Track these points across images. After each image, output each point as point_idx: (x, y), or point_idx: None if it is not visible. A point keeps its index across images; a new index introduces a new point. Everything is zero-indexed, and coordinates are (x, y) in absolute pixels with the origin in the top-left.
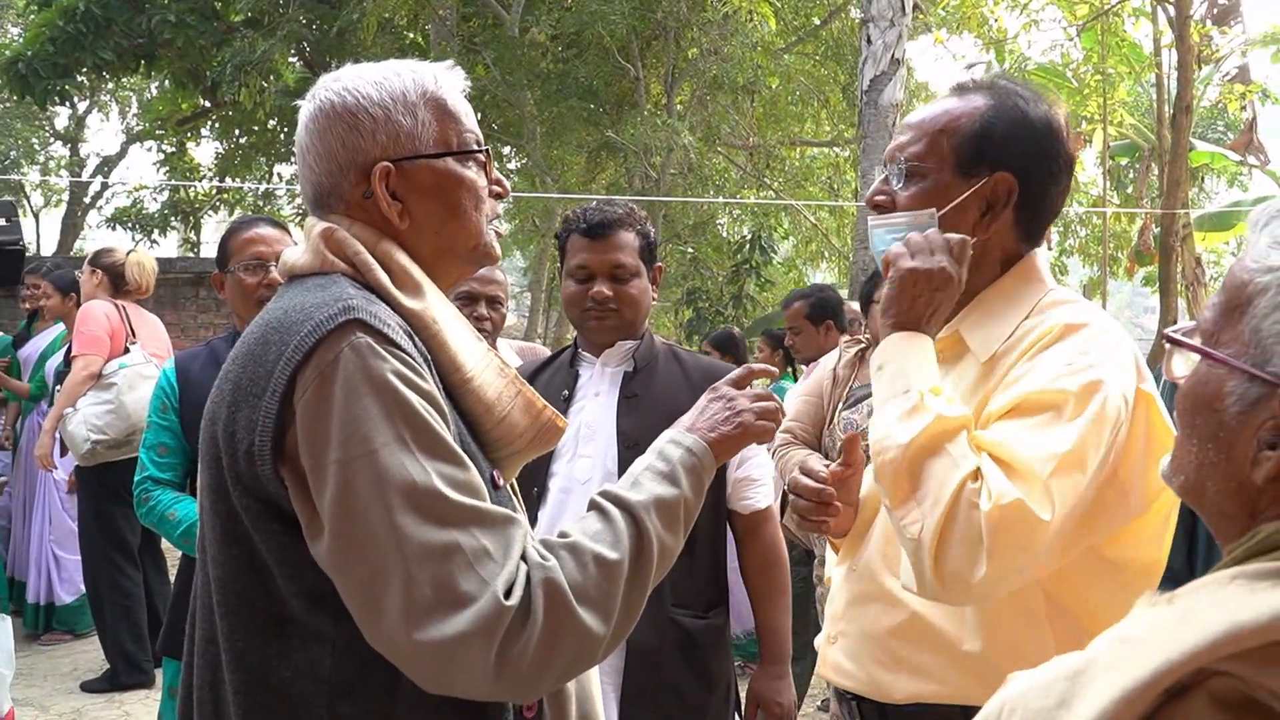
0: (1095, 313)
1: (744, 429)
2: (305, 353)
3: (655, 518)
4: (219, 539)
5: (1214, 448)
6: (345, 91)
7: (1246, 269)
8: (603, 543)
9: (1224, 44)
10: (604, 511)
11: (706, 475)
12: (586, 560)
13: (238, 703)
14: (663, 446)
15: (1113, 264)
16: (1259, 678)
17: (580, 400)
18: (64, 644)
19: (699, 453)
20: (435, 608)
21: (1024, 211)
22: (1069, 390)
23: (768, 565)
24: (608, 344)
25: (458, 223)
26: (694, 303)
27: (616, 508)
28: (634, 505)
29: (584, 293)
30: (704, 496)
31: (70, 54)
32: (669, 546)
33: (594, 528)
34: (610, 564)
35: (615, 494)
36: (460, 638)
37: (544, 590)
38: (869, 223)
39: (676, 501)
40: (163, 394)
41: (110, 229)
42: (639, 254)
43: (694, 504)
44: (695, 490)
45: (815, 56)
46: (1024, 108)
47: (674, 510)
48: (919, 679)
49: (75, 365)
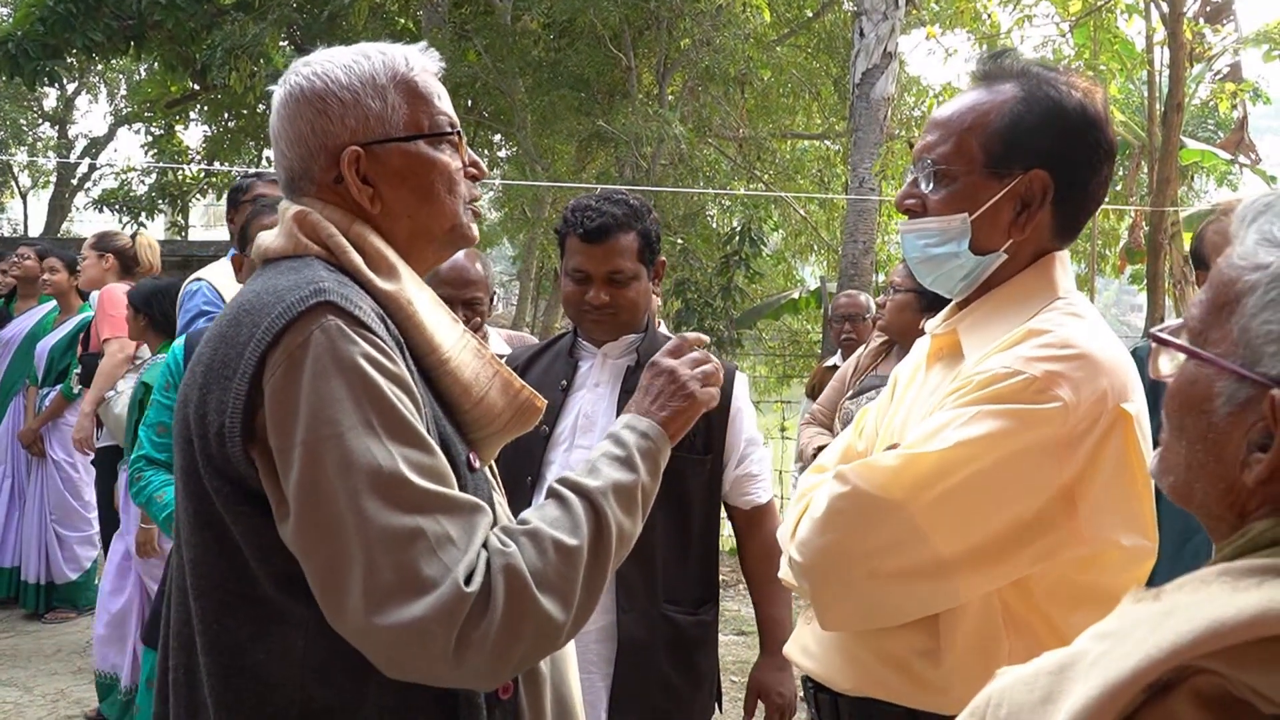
0: (1082, 329)
1: (691, 400)
2: (275, 334)
3: (613, 503)
4: (192, 521)
5: (1202, 449)
6: (315, 76)
7: (1234, 266)
8: (562, 529)
9: (1216, 42)
10: (562, 499)
11: (662, 457)
12: (546, 546)
13: (212, 685)
14: (618, 432)
15: (1101, 261)
16: (1240, 675)
17: (579, 390)
18: (66, 622)
19: (654, 436)
20: (395, 593)
21: (1062, 207)
22: (973, 378)
23: (769, 556)
24: (610, 339)
25: (430, 206)
26: (683, 294)
27: (575, 494)
28: (592, 491)
29: (581, 294)
30: (660, 478)
31: (60, 35)
32: (628, 531)
33: (553, 514)
34: (570, 550)
35: (574, 481)
36: (419, 623)
37: (504, 577)
38: (900, 228)
39: (634, 486)
40: (168, 371)
41: (98, 211)
42: (638, 255)
43: (651, 487)
44: (652, 474)
45: (807, 49)
46: (1056, 96)
47: (632, 495)
48: (869, 675)
49: (110, 348)
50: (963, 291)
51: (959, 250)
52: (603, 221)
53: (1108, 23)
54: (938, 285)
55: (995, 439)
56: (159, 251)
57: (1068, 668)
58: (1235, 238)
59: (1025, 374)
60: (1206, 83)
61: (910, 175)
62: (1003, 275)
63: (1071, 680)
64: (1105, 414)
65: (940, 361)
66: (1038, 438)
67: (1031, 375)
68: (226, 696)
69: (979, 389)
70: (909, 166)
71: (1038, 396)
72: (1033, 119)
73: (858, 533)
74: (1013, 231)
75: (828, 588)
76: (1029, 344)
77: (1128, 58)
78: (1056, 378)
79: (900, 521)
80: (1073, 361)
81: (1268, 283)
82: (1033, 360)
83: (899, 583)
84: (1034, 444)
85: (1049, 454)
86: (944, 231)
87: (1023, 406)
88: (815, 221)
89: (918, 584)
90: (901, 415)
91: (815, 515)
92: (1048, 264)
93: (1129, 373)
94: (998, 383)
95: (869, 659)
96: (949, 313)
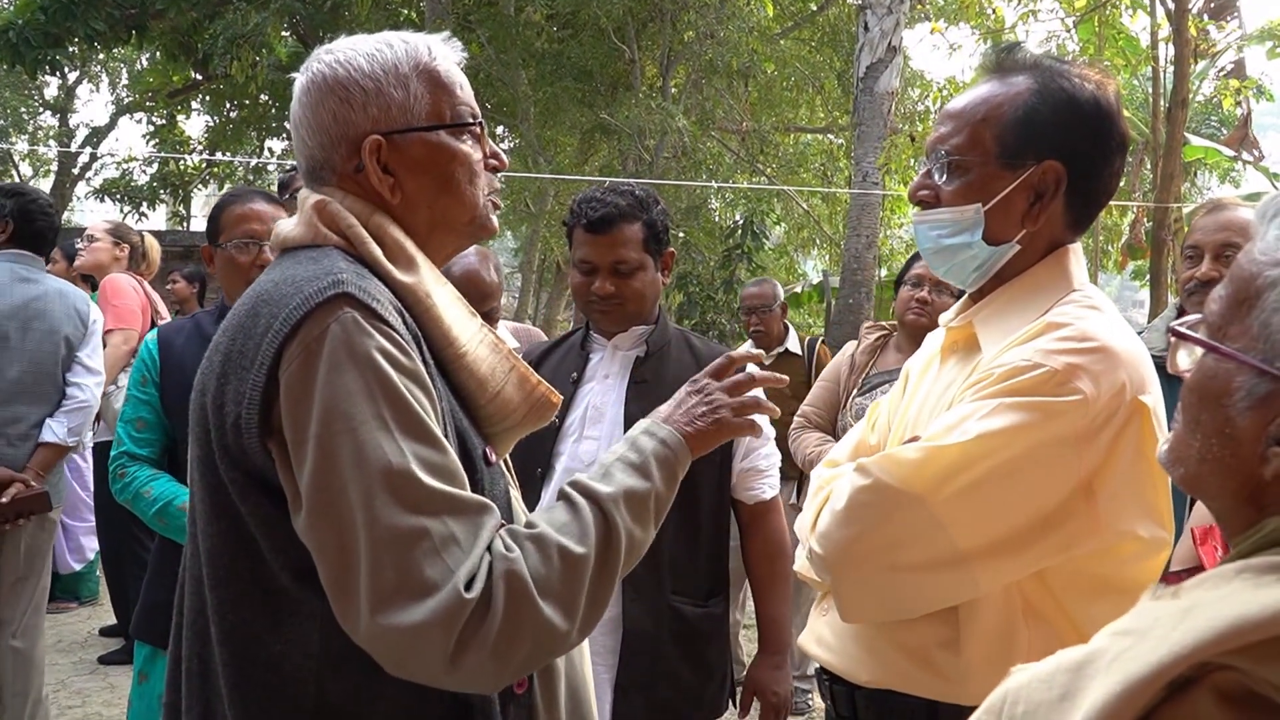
0: (1100, 321)
1: (720, 425)
2: (293, 326)
3: (624, 511)
4: (208, 511)
5: (1219, 442)
6: (337, 64)
7: (1255, 261)
8: (569, 535)
9: (1220, 39)
10: (572, 503)
11: (680, 469)
12: (551, 553)
13: (227, 676)
14: (636, 437)
15: (1103, 257)
16: (1262, 672)
17: (589, 382)
18: (68, 611)
19: (674, 445)
20: (397, 593)
21: (1075, 198)
22: (993, 371)
23: (771, 555)
24: (618, 331)
25: (451, 196)
26: (685, 287)
27: (585, 499)
28: (603, 498)
29: (588, 285)
30: (676, 489)
31: (62, 23)
32: (638, 540)
33: (561, 519)
34: (575, 558)
35: (585, 485)
36: (418, 627)
37: (505, 582)
38: (913, 219)
39: (647, 494)
40: (143, 366)
41: (99, 200)
42: (643, 246)
43: (665, 496)
44: (667, 483)
45: (811, 42)
46: (1070, 88)
47: (644, 503)
48: (888, 667)
49: (113, 340)
50: (976, 282)
51: (972, 240)
52: (606, 212)
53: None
54: (950, 276)
55: (1016, 431)
56: (160, 253)
57: (1086, 665)
58: (1256, 234)
59: (1046, 367)
60: (1210, 79)
61: (924, 166)
62: (1016, 267)
63: (1090, 677)
64: (1123, 406)
65: (955, 355)
66: (1058, 430)
67: (1052, 368)
68: (241, 687)
69: (1000, 382)
70: (922, 158)
71: (1058, 389)
72: (1046, 111)
73: (879, 525)
74: (1026, 222)
75: (849, 580)
76: (1048, 337)
77: (1132, 54)
78: (1077, 370)
79: (922, 514)
80: (1092, 354)
81: None
82: (1053, 353)
83: (920, 574)
84: (1055, 436)
85: (1069, 446)
86: (957, 222)
87: (1044, 399)
88: (818, 215)
89: (938, 576)
90: (915, 408)
91: (837, 508)
92: (1062, 256)
93: (1146, 365)
94: (1018, 375)
95: (888, 650)
96: (963, 306)
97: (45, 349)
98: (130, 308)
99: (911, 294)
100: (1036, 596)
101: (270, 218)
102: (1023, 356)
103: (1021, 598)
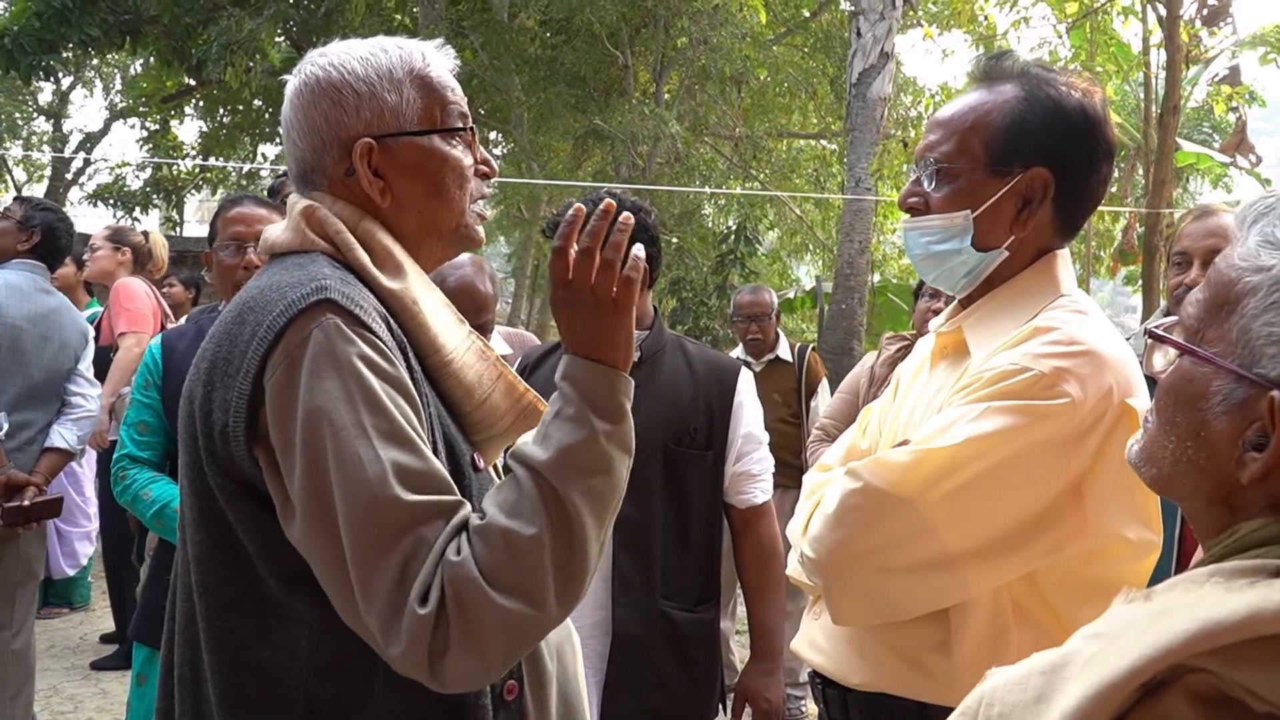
0: (1087, 326)
1: (616, 305)
2: (276, 333)
3: (568, 473)
4: (196, 518)
5: (1194, 445)
6: (331, 66)
7: (1235, 266)
8: (517, 517)
9: (1213, 45)
10: (516, 478)
11: (616, 394)
12: (496, 543)
13: (216, 682)
14: (559, 384)
15: (1096, 262)
16: (1234, 675)
17: None
18: (61, 617)
19: (592, 377)
20: (378, 603)
21: (1062, 204)
22: (981, 375)
23: (762, 560)
24: None
25: (440, 201)
26: (678, 293)
27: (526, 471)
28: (541, 466)
29: None
30: (627, 413)
31: (56, 29)
32: (600, 490)
33: (508, 498)
34: (525, 541)
35: (524, 455)
36: (396, 645)
37: (454, 588)
38: (903, 225)
39: (590, 442)
40: (146, 370)
41: (92, 205)
42: None
43: (618, 432)
44: (611, 417)
45: (804, 48)
46: (1057, 96)
47: (591, 451)
48: (880, 670)
49: (125, 343)
50: (965, 288)
51: (961, 247)
52: None
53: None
54: (940, 282)
55: (1005, 435)
56: (168, 249)
57: (1060, 667)
58: (1236, 239)
59: (1033, 370)
60: (1202, 85)
61: (913, 174)
62: (1005, 273)
63: (1064, 680)
64: (1111, 410)
65: (945, 360)
66: (1046, 433)
67: (1040, 372)
68: (231, 693)
69: (988, 385)
70: (911, 166)
71: (1046, 393)
72: (1034, 118)
73: (870, 528)
74: (1014, 229)
75: (840, 583)
76: (1036, 341)
77: (1124, 60)
78: (1064, 374)
79: (912, 517)
80: (1080, 358)
81: (1270, 285)
82: (1040, 357)
83: (910, 577)
84: (1043, 439)
85: (1057, 449)
86: (947, 229)
87: (1031, 402)
88: (811, 221)
89: (929, 578)
90: (905, 413)
91: (828, 511)
92: (1050, 262)
93: (1133, 369)
94: (1007, 379)
95: (880, 653)
96: (952, 312)
97: (60, 359)
98: (143, 311)
99: (929, 305)
100: (1027, 599)
101: (256, 220)
102: (1010, 360)
103: (1012, 600)
